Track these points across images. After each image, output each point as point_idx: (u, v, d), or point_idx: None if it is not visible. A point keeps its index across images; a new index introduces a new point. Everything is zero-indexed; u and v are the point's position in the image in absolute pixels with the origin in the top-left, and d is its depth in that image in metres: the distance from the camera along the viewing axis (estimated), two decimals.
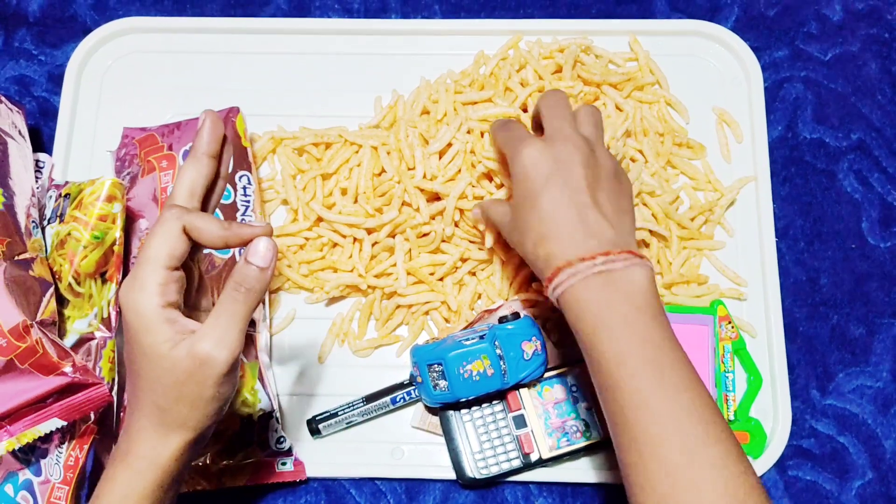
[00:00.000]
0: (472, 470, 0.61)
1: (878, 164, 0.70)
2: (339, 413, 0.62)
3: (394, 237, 0.65)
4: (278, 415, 0.61)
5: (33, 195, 0.62)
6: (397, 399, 0.62)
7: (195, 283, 0.50)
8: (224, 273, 0.61)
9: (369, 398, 0.62)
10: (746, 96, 0.71)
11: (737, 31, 0.73)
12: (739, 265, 0.67)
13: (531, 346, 0.59)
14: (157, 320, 0.44)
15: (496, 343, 0.59)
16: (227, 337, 0.44)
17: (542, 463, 0.61)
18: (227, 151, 0.50)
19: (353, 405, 0.62)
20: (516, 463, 0.61)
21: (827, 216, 0.69)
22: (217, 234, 0.46)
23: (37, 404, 0.53)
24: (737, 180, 0.68)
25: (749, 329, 0.65)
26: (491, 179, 0.63)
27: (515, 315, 0.60)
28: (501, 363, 0.59)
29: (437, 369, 0.59)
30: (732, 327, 0.64)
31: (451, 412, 0.62)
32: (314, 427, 0.62)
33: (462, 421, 0.62)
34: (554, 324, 0.64)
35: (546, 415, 0.62)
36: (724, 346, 0.63)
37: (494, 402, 0.62)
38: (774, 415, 0.63)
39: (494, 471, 0.61)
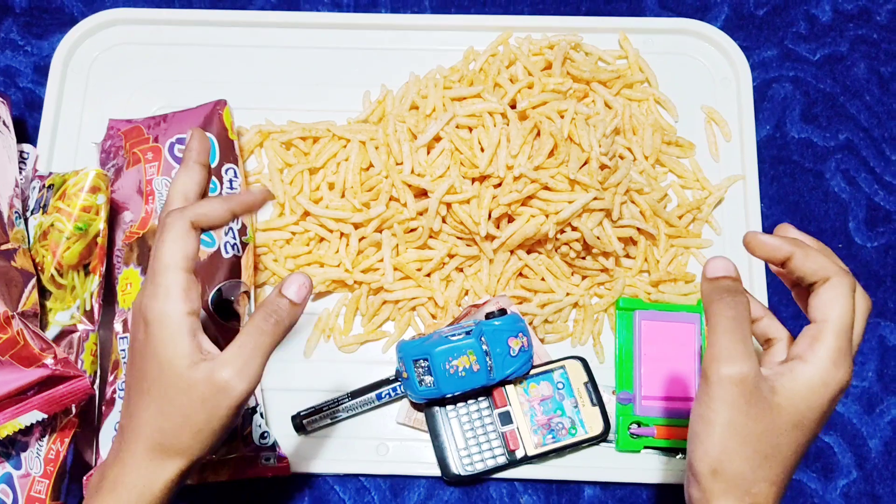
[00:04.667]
0: (457, 467, 0.60)
1: (866, 164, 0.70)
2: (324, 409, 0.61)
3: (381, 232, 0.64)
4: (263, 410, 0.61)
5: (17, 186, 0.61)
6: (383, 395, 0.62)
7: None
8: (210, 266, 0.61)
9: (354, 394, 0.62)
10: (735, 95, 0.71)
11: (726, 30, 0.73)
12: None
13: (517, 343, 0.59)
14: (181, 330, 0.43)
15: (482, 339, 0.58)
16: (248, 368, 0.43)
17: (527, 460, 0.61)
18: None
19: (338, 401, 0.62)
20: (502, 460, 0.61)
21: (814, 215, 0.69)
22: (223, 210, 0.45)
23: (17, 396, 0.52)
24: (725, 179, 0.68)
25: None
26: (482, 181, 0.63)
27: (502, 311, 0.60)
28: (487, 359, 0.59)
29: (423, 365, 0.59)
30: None
31: (437, 408, 0.61)
32: (299, 423, 0.62)
33: (447, 417, 0.61)
34: (541, 321, 0.64)
35: (532, 412, 0.62)
36: None
37: (480, 398, 0.62)
38: None
39: (480, 467, 0.60)
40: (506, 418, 0.61)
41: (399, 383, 0.62)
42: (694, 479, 0.44)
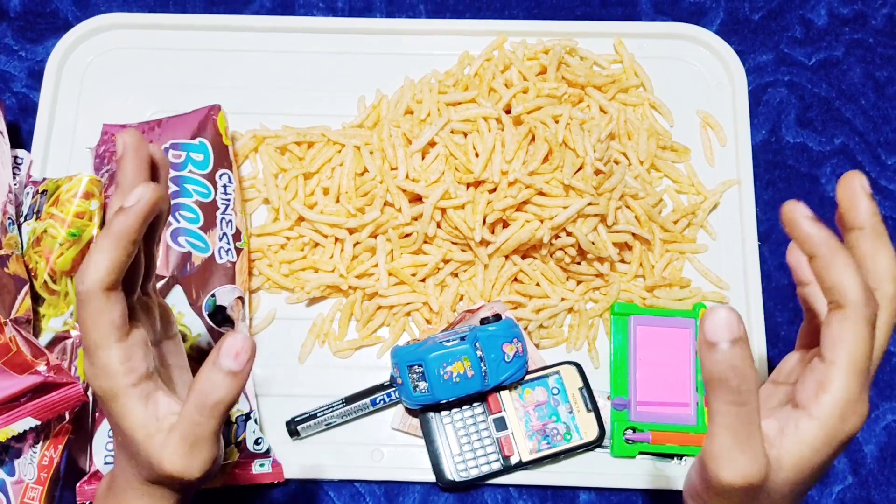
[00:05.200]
0: (452, 472, 0.60)
1: (861, 169, 0.70)
2: (319, 415, 0.61)
3: (375, 237, 0.64)
4: (257, 415, 0.61)
5: (10, 192, 0.61)
6: (377, 400, 0.62)
7: (155, 316, 0.46)
8: (204, 271, 0.60)
9: (349, 399, 0.62)
10: (730, 100, 0.71)
11: (722, 34, 0.73)
12: (722, 268, 0.67)
13: (512, 348, 0.59)
14: (131, 402, 0.41)
15: (477, 344, 0.58)
16: (197, 456, 0.41)
17: (522, 466, 0.61)
18: (163, 170, 0.45)
19: (332, 406, 0.62)
20: (496, 465, 0.60)
21: None
22: (120, 248, 0.39)
23: (10, 403, 0.52)
24: (720, 184, 0.68)
25: None
26: (477, 186, 0.63)
27: (497, 317, 0.60)
28: (482, 365, 0.58)
29: (417, 370, 0.59)
30: None
31: (432, 414, 0.61)
32: (293, 428, 0.61)
33: (442, 423, 0.61)
34: (536, 326, 0.64)
35: (527, 417, 0.61)
36: None
37: (475, 404, 0.62)
38: None
39: (474, 473, 0.60)
40: (500, 424, 0.61)
41: (393, 389, 0.62)
42: None
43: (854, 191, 0.38)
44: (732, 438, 0.36)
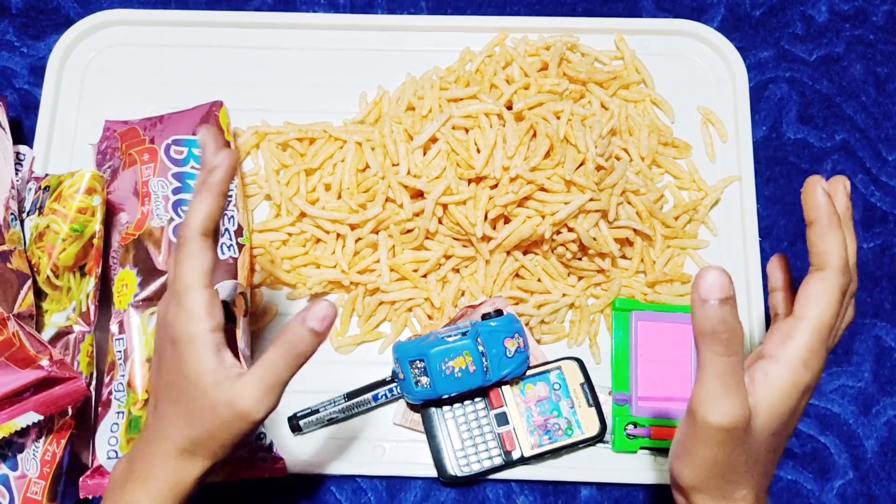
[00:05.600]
0: (454, 468, 0.60)
1: (862, 166, 0.70)
2: (321, 410, 0.61)
3: (377, 233, 0.64)
4: None
5: (13, 187, 0.61)
6: (379, 396, 0.62)
7: None
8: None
9: (351, 395, 0.62)
10: (731, 96, 0.71)
11: (723, 31, 0.73)
12: (723, 264, 0.67)
13: (514, 343, 0.59)
14: (206, 349, 0.44)
15: (478, 340, 0.59)
16: (266, 399, 0.45)
17: (523, 461, 0.61)
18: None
19: (334, 402, 0.62)
20: (498, 461, 0.61)
21: None
22: (214, 199, 0.45)
23: (13, 398, 0.52)
24: (721, 180, 0.68)
25: None
26: (479, 182, 0.63)
27: (499, 312, 0.60)
28: (483, 360, 0.59)
29: (419, 366, 0.59)
30: None
31: (433, 410, 0.61)
32: (295, 423, 0.61)
33: (444, 418, 0.61)
34: (537, 322, 0.64)
35: (528, 412, 0.62)
36: None
37: (476, 399, 0.62)
38: None
39: (476, 468, 0.60)
40: (502, 419, 0.61)
41: (395, 384, 0.62)
42: (676, 487, 0.45)
43: (814, 191, 0.42)
44: (721, 384, 0.40)
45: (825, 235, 0.42)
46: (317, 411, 0.61)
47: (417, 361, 0.59)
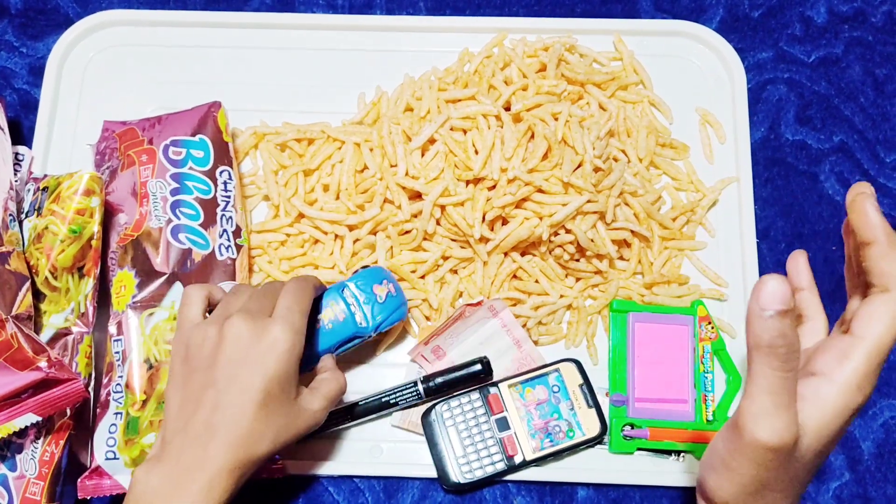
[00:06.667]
0: (457, 475, 0.60)
1: (860, 167, 0.70)
2: (325, 429, 0.61)
3: (375, 234, 0.64)
4: None
5: (11, 188, 0.61)
6: (385, 414, 0.62)
7: None
8: (205, 268, 0.61)
9: (354, 414, 0.61)
10: (730, 97, 0.71)
11: (721, 32, 0.73)
12: (720, 266, 0.67)
13: (383, 289, 0.60)
14: (298, 367, 0.52)
15: (345, 291, 0.60)
16: (325, 407, 0.55)
17: (526, 465, 0.61)
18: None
19: (335, 418, 0.61)
20: (500, 466, 0.60)
21: (808, 218, 0.69)
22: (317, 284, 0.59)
23: (11, 399, 0.53)
24: (719, 181, 0.68)
25: (729, 330, 0.65)
26: (477, 183, 0.63)
27: (364, 268, 0.63)
28: (352, 308, 0.59)
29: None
30: (712, 328, 0.64)
31: (434, 417, 0.61)
32: None
33: (445, 426, 0.61)
34: (535, 323, 0.64)
35: (529, 416, 0.62)
36: (704, 346, 0.63)
37: (477, 406, 0.62)
38: None
39: (479, 475, 0.60)
40: (503, 424, 0.61)
41: (400, 407, 0.62)
42: (705, 498, 0.44)
43: (864, 210, 0.40)
44: (773, 401, 0.38)
45: (887, 255, 0.39)
46: (321, 429, 0.61)
47: None
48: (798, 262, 0.48)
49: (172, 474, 0.48)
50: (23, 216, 0.61)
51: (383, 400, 0.61)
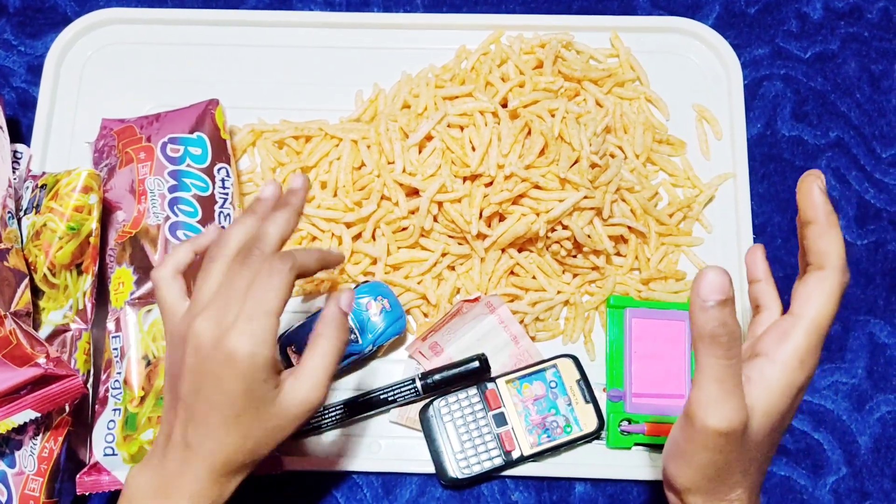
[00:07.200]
0: (455, 470, 0.61)
1: (856, 162, 0.70)
2: (322, 426, 0.61)
3: (374, 236, 0.65)
4: None
5: (10, 186, 0.62)
6: (384, 405, 0.62)
7: None
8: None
9: (352, 410, 0.62)
10: (726, 93, 0.71)
11: (717, 28, 0.73)
12: (717, 261, 0.67)
13: (378, 306, 0.61)
14: (271, 370, 0.45)
15: None
16: (326, 384, 0.47)
17: (523, 460, 0.61)
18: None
19: (334, 417, 0.61)
20: (498, 461, 0.61)
21: None
22: (315, 265, 0.50)
23: (10, 395, 0.53)
24: (715, 177, 0.69)
25: None
26: (474, 179, 0.63)
27: (366, 282, 0.63)
28: None
29: (293, 349, 0.61)
30: None
31: (432, 413, 0.62)
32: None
33: (443, 421, 0.61)
34: (532, 319, 0.64)
35: (526, 412, 0.62)
36: None
37: (475, 401, 0.62)
38: None
39: (477, 470, 0.61)
40: (500, 420, 0.62)
41: (396, 404, 0.62)
42: (669, 487, 0.45)
43: (809, 190, 0.42)
44: (719, 388, 0.39)
45: (824, 234, 0.41)
46: (318, 427, 0.61)
47: (291, 347, 0.61)
48: (756, 255, 0.50)
49: (160, 479, 0.47)
50: (21, 213, 0.61)
51: (381, 396, 0.62)
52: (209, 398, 0.45)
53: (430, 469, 0.61)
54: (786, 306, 0.45)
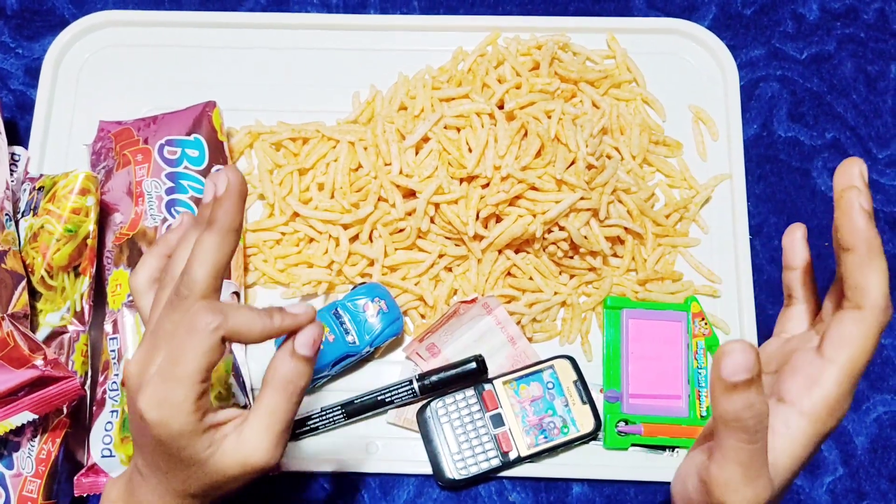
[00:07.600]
0: (452, 471, 0.61)
1: None
2: (320, 427, 0.61)
3: (371, 237, 0.65)
4: None
5: (7, 188, 0.62)
6: (381, 406, 0.62)
7: None
8: None
9: (350, 413, 0.62)
10: (723, 94, 0.72)
11: (714, 29, 0.73)
12: (714, 262, 0.67)
13: (375, 307, 0.61)
14: (195, 436, 0.40)
15: (335, 311, 0.61)
16: (279, 444, 0.41)
17: (521, 461, 0.61)
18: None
19: (333, 420, 0.61)
20: (495, 462, 0.61)
21: (801, 214, 0.69)
22: (259, 332, 0.40)
23: (8, 397, 0.53)
24: (712, 178, 0.69)
25: (722, 326, 0.65)
26: (470, 181, 0.63)
27: (362, 283, 0.63)
28: (341, 326, 0.60)
29: None
30: (706, 324, 0.64)
31: (429, 414, 0.62)
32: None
33: (440, 422, 0.62)
34: (529, 320, 0.64)
35: (523, 413, 0.62)
36: (698, 342, 0.64)
37: (472, 402, 0.62)
38: None
39: (474, 471, 0.61)
40: (497, 421, 0.62)
41: (394, 405, 0.62)
42: None
43: (851, 210, 0.35)
44: (742, 473, 0.35)
45: (864, 266, 0.35)
46: (316, 428, 0.62)
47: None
48: (794, 237, 0.42)
49: (128, 493, 0.45)
50: (19, 216, 0.61)
51: (379, 398, 0.62)
52: (139, 445, 0.43)
53: (428, 470, 0.61)
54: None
